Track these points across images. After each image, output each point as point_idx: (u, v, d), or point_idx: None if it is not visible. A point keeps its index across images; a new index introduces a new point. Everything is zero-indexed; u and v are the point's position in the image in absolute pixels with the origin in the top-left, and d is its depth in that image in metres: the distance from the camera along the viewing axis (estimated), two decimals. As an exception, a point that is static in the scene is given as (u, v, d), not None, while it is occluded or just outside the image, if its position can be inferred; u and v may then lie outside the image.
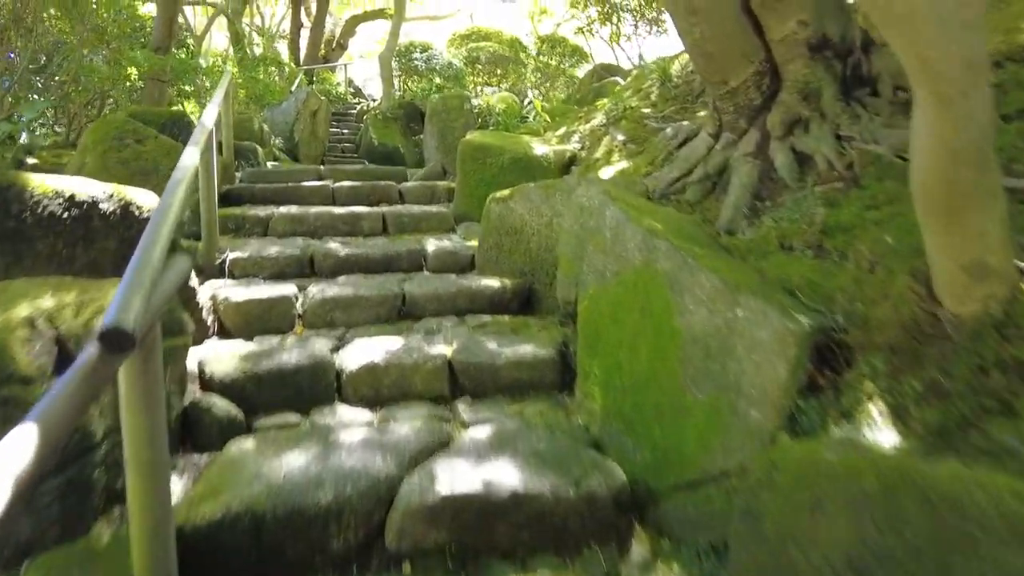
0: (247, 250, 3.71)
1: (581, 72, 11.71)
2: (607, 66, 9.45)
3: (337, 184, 5.17)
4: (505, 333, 3.10)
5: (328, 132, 13.02)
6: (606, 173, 4.34)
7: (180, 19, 17.89)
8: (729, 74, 3.29)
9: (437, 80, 15.14)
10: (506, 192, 3.83)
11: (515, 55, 16.24)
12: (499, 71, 16.96)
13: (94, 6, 6.89)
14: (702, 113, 4.64)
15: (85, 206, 2.70)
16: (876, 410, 1.68)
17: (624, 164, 4.32)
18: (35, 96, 7.48)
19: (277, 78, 14.69)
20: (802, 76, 3.14)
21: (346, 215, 4.43)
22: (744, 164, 3.16)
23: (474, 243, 4.26)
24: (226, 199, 4.84)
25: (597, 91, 6.71)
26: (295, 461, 1.95)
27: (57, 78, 7.04)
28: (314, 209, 4.44)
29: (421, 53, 15.14)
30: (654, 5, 9.10)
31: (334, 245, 3.99)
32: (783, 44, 3.12)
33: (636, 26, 9.18)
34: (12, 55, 7.51)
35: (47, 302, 2.06)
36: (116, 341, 1.18)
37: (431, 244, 4.13)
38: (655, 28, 9.22)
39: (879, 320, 1.84)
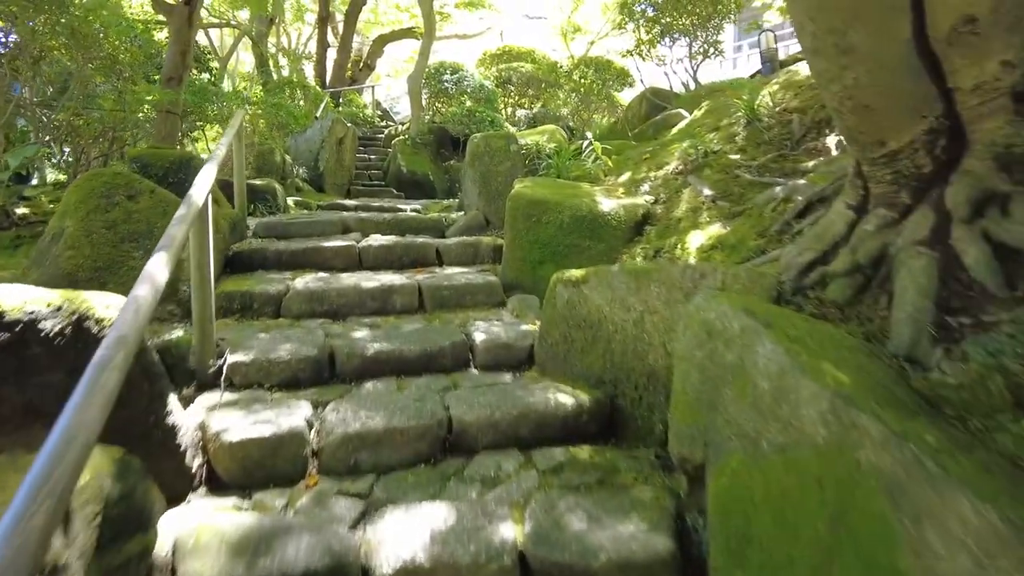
0: (251, 349, 2.94)
1: (626, 96, 10.91)
2: (657, 91, 8.63)
3: (364, 243, 4.41)
4: (591, 487, 2.27)
5: (355, 159, 12.39)
6: (696, 239, 3.50)
7: (204, 41, 17.60)
8: (889, 132, 2.45)
9: (468, 103, 14.49)
10: (577, 273, 3.02)
11: (549, 76, 15.54)
12: (531, 92, 16.28)
13: (101, 35, 6.28)
14: (809, 164, 3.79)
15: (19, 327, 1.94)
16: None
17: (719, 228, 3.48)
18: (39, 134, 6.91)
19: (303, 101, 14.16)
20: (1001, 137, 2.28)
21: (375, 289, 3.65)
22: (916, 257, 2.31)
23: (530, 326, 3.45)
24: (234, 263, 4.11)
25: (658, 125, 5.89)
26: None
27: (57, 114, 6.43)
28: (336, 284, 3.67)
29: (451, 75, 14.50)
30: (709, 25, 8.28)
31: (360, 335, 3.20)
32: (975, 93, 2.28)
33: (690, 46, 8.35)
34: (17, 88, 6.96)
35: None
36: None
37: (479, 330, 3.33)
38: (711, 50, 8.38)
39: None
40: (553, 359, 3.06)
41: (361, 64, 19.42)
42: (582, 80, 9.38)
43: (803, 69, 4.85)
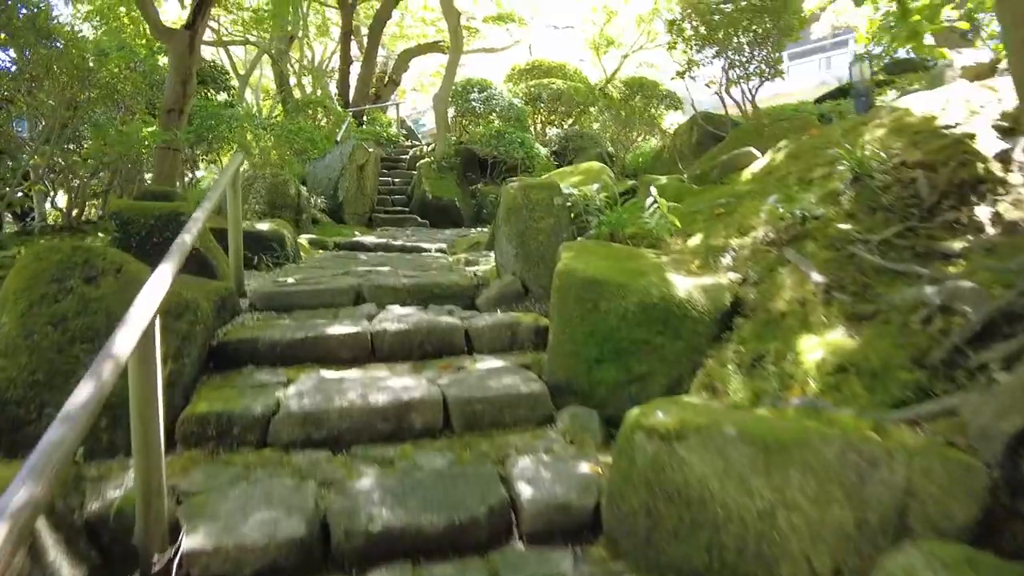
0: (218, 519, 2.15)
1: (669, 117, 10.02)
2: (710, 116, 7.74)
3: (378, 326, 3.59)
4: None
5: (377, 186, 11.69)
6: (812, 350, 2.63)
7: (223, 58, 17.18)
8: None
9: (496, 122, 13.73)
10: (668, 422, 2.16)
11: (582, 94, 14.73)
12: (562, 108, 15.47)
13: (91, 64, 5.62)
14: (955, 245, 2.89)
15: None
16: None
17: (843, 337, 2.61)
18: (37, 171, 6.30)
19: (325, 120, 13.54)
20: None
21: (388, 407, 2.83)
22: None
23: (591, 466, 2.60)
24: (220, 357, 3.34)
25: (726, 167, 5.01)
26: None
27: (39, 152, 5.80)
28: (339, 398, 2.85)
29: (479, 93, 13.76)
30: (768, 43, 7.37)
31: (365, 486, 2.39)
32: None
33: (746, 67, 7.46)
34: (18, 127, 6.39)
35: None
36: None
37: (524, 475, 2.49)
38: (770, 71, 7.47)
39: None
40: (630, 536, 2.21)
41: (386, 79, 18.83)
42: (624, 102, 8.51)
43: (916, 107, 3.94)
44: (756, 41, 7.38)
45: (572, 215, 4.29)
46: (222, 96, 12.47)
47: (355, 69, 18.04)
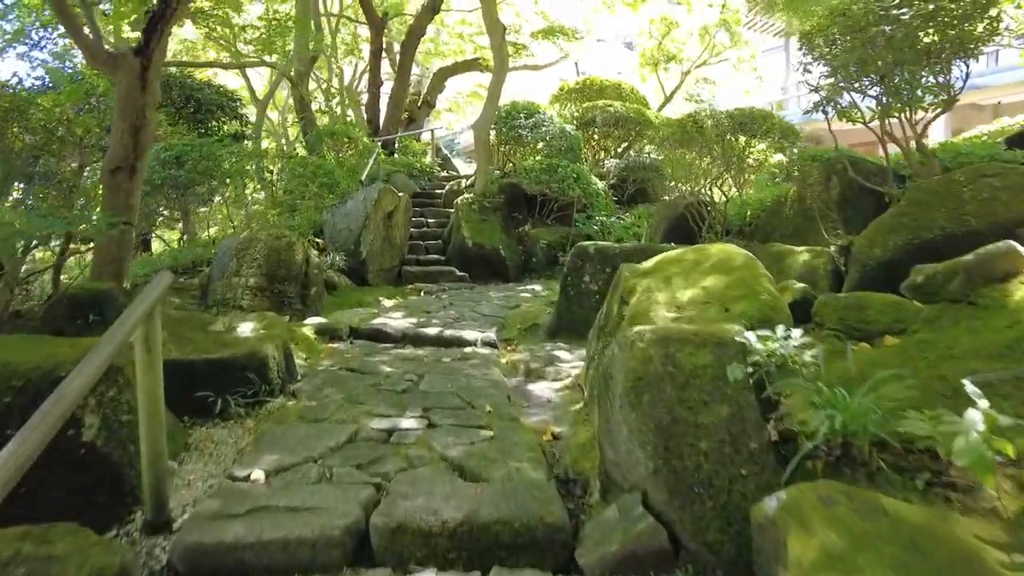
0: None
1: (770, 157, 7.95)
2: (860, 163, 5.68)
3: None
4: None
5: (407, 234, 9.87)
6: None
7: (239, 81, 15.63)
8: None
9: (542, 152, 11.85)
10: None
11: (643, 117, 12.77)
12: (617, 132, 13.51)
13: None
14: None
15: None
16: None
17: None
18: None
19: (351, 152, 11.83)
20: None
21: None
22: None
23: None
24: None
25: (973, 270, 3.00)
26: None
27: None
28: None
29: (526, 118, 11.90)
30: (940, 60, 5.30)
31: None
32: None
33: (908, 94, 5.39)
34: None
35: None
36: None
37: None
38: (944, 98, 5.39)
39: None
40: None
41: (420, 101, 17.16)
42: (720, 137, 6.52)
43: None
44: (931, 57, 5.31)
45: (758, 394, 2.30)
46: (232, 126, 10.88)
47: (386, 89, 16.42)
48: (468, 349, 5.31)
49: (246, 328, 4.36)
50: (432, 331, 5.67)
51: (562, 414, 3.72)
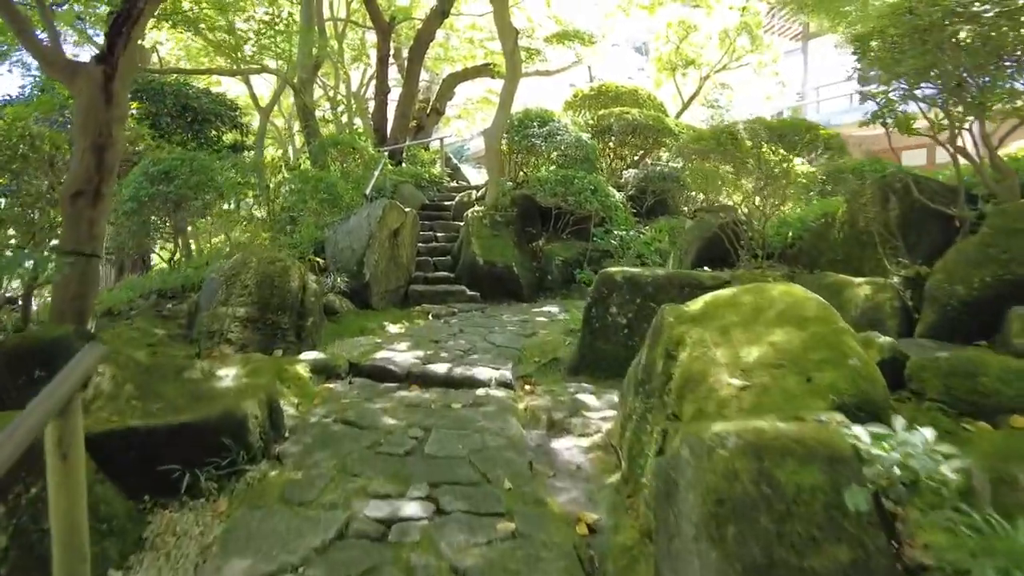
0: None
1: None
2: (925, 181, 5.05)
3: None
4: None
5: (415, 252, 9.28)
6: None
7: (240, 88, 15.13)
8: None
9: (557, 160, 11.25)
10: None
11: (662, 125, 12.18)
12: (633, 140, 12.90)
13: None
14: None
15: None
16: None
17: None
18: None
19: (356, 163, 11.29)
20: None
21: None
22: None
23: None
24: None
25: None
26: None
27: None
28: None
29: (540, 127, 11.32)
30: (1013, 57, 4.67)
31: None
32: None
33: (980, 99, 4.76)
34: None
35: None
36: None
37: None
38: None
39: None
40: None
41: (428, 108, 16.62)
42: (753, 150, 5.91)
43: None
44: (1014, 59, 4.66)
45: (884, 522, 1.68)
46: (232, 135, 10.37)
47: (393, 96, 15.89)
48: (481, 391, 4.71)
49: (227, 376, 3.79)
50: (440, 369, 5.07)
51: (596, 489, 3.12)
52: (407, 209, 8.67)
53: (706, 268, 6.04)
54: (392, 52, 15.96)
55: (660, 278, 4.90)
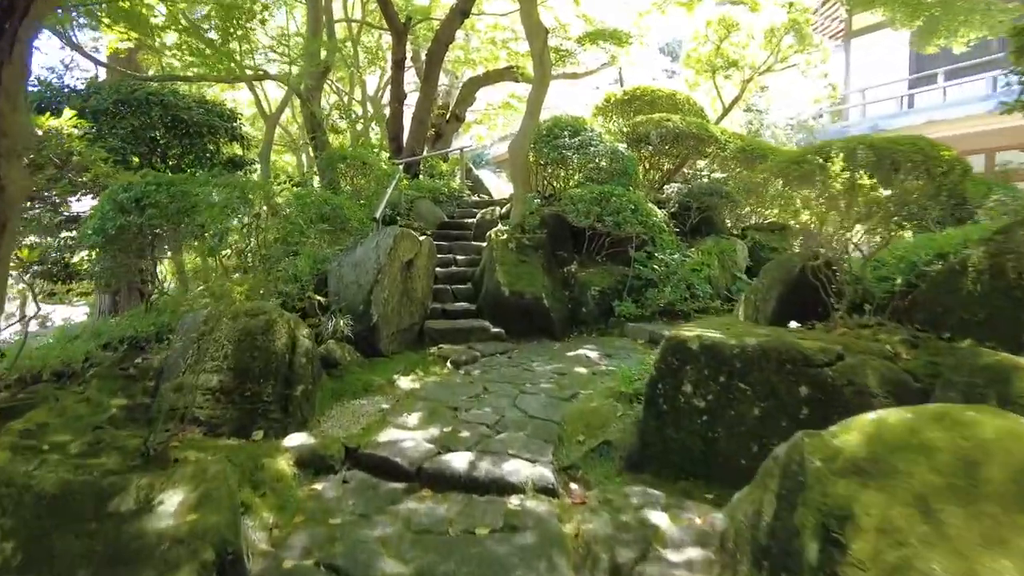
0: None
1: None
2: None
3: None
4: None
5: (431, 282, 8.17)
6: None
7: (244, 94, 14.13)
8: None
9: (590, 173, 10.09)
10: None
11: (704, 131, 10.98)
12: (670, 149, 11.68)
13: None
14: None
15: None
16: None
17: None
18: None
19: (365, 179, 10.25)
20: None
21: None
22: None
23: None
24: None
25: None
26: None
27: None
28: None
29: (571, 137, 10.18)
30: None
31: None
32: None
33: None
34: None
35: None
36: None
37: None
38: None
39: None
40: None
41: (447, 115, 15.55)
42: (838, 174, 4.69)
43: None
44: None
45: None
46: (231, 148, 9.37)
47: (411, 102, 14.85)
48: (514, 501, 3.57)
49: (171, 506, 2.71)
50: (460, 462, 3.94)
51: None
52: (421, 237, 7.57)
53: (793, 323, 4.85)
54: (409, 55, 14.94)
55: (751, 350, 3.71)
